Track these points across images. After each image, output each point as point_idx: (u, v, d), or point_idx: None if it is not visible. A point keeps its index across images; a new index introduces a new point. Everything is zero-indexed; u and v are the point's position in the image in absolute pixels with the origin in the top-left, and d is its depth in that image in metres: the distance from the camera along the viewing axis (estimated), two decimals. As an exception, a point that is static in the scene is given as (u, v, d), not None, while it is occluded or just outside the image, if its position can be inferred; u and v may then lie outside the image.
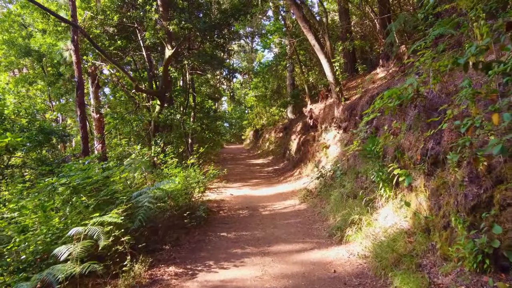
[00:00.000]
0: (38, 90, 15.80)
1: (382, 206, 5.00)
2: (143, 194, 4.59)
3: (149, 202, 4.43)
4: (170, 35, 11.63)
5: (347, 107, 8.27)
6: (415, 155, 4.43)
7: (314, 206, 6.78)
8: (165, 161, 6.79)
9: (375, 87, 7.91)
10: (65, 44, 11.17)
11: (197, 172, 6.90)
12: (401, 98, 4.05)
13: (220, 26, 12.52)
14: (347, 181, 6.40)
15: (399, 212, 4.66)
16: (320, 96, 11.41)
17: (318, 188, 7.62)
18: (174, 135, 11.05)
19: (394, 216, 4.67)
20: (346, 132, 8.27)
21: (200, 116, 14.80)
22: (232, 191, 9.11)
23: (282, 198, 8.03)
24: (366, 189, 5.69)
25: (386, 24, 9.45)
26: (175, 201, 5.25)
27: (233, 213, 6.75)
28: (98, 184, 4.74)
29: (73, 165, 5.35)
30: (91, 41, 9.51)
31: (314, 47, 8.60)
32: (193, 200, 6.51)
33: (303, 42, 15.35)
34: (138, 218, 4.26)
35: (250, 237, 5.20)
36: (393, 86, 6.71)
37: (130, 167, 5.49)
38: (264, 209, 7.05)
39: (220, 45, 13.48)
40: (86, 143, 9.33)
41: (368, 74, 10.51)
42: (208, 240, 5.06)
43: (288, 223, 5.91)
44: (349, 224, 4.90)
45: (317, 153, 10.09)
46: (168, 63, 11.44)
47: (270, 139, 20.01)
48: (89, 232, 3.51)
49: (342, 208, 5.63)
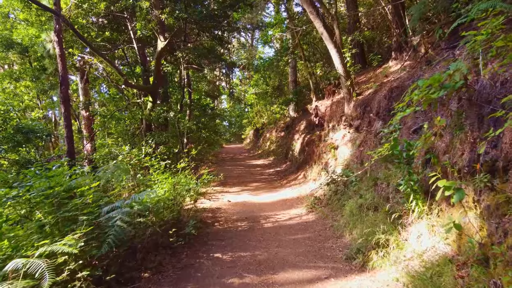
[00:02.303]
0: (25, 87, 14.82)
1: (412, 223, 4.06)
2: (115, 210, 3.65)
3: (122, 221, 3.49)
4: (162, 25, 10.68)
5: (360, 103, 7.32)
6: (460, 160, 3.49)
7: (324, 218, 5.84)
8: (152, 165, 5.84)
9: (391, 81, 6.97)
10: (48, 35, 10.23)
11: (189, 178, 5.96)
12: (446, 87, 3.11)
13: (218, 17, 11.55)
14: (364, 189, 5.46)
15: (435, 231, 3.73)
16: (327, 92, 10.47)
17: (328, 195, 6.68)
18: (167, 135, 10.11)
19: (430, 236, 3.73)
20: (359, 131, 7.32)
21: (197, 114, 13.85)
22: (230, 197, 8.17)
23: (286, 206, 7.09)
24: (389, 200, 4.76)
25: (400, 13, 8.51)
26: (158, 216, 4.32)
27: (230, 226, 5.81)
28: (61, 197, 3.80)
29: (35, 171, 4.40)
30: (74, 30, 8.56)
31: (322, 36, 7.64)
32: (184, 210, 5.59)
33: (306, 36, 14.44)
34: (107, 241, 3.32)
35: (250, 259, 4.26)
36: (416, 78, 5.77)
37: (105, 174, 4.55)
38: (266, 220, 6.11)
39: (218, 38, 12.51)
40: (71, 143, 8.43)
41: (379, 68, 9.58)
42: (198, 264, 4.12)
43: (295, 239, 4.97)
44: (373, 245, 3.97)
45: (324, 155, 9.15)
46: (160, 56, 10.50)
47: (271, 138, 19.07)
48: (31, 268, 2.58)
49: (360, 222, 4.69)
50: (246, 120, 26.72)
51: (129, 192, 4.72)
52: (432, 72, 5.21)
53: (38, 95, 15.40)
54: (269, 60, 20.48)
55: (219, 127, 25.79)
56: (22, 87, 15.44)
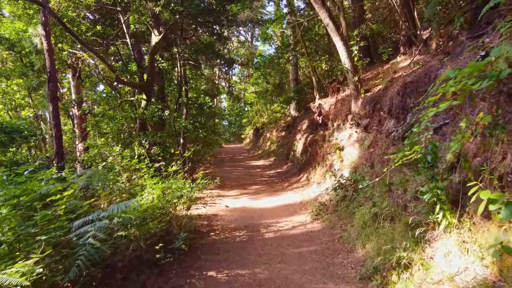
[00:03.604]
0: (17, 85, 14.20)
1: (438, 238, 3.48)
2: (88, 224, 3.08)
3: (95, 238, 2.91)
4: (157, 19, 10.10)
5: (369, 100, 6.74)
6: (500, 166, 2.92)
7: (331, 227, 5.26)
8: (140, 168, 5.25)
9: (403, 76, 6.39)
10: (36, 29, 9.65)
11: (182, 182, 5.38)
12: (489, 77, 2.52)
13: (216, 11, 10.96)
14: (376, 196, 4.88)
15: (468, 249, 3.15)
16: (331, 89, 9.88)
17: (334, 201, 6.10)
18: (162, 135, 9.52)
19: (462, 255, 3.16)
20: (368, 131, 6.74)
21: (194, 113, 13.25)
22: (228, 202, 7.60)
23: (289, 213, 6.51)
24: (407, 209, 4.18)
25: (410, 4, 7.94)
26: (143, 228, 3.74)
27: (227, 236, 5.23)
28: (26, 210, 3.22)
29: (2, 176, 3.83)
30: (61, 22, 7.96)
31: (327, 28, 7.07)
32: (175, 218, 5.00)
33: (307, 32, 13.85)
34: (77, 263, 2.75)
35: (249, 278, 3.68)
36: (434, 72, 5.19)
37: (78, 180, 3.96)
38: (267, 229, 5.53)
39: (216, 33, 11.92)
40: (60, 143, 7.87)
41: (386, 64, 9.00)
42: (188, 286, 3.54)
43: (300, 253, 4.40)
44: (392, 265, 3.39)
45: (329, 156, 8.57)
46: (154, 52, 9.91)
47: (272, 138, 18.49)
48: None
49: (375, 234, 4.12)
50: (246, 119, 26.15)
51: (109, 201, 4.14)
52: (454, 64, 4.63)
53: (30, 93, 14.79)
54: (269, 57, 19.91)
55: (219, 126, 25.21)
56: (14, 85, 14.85)
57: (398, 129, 5.57)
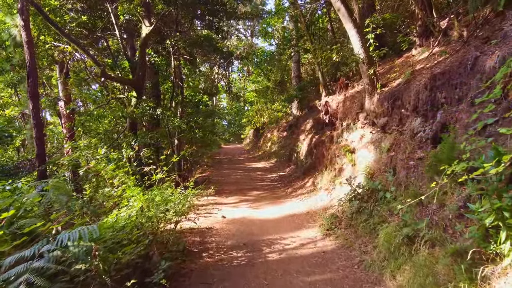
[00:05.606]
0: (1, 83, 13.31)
1: (502, 275, 2.61)
2: (25, 263, 2.20)
3: (28, 284, 2.04)
4: (148, 8, 9.23)
5: (387, 96, 5.86)
6: None
7: (348, 246, 4.39)
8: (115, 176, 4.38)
9: (429, 67, 5.51)
10: (14, 19, 8.77)
11: (169, 192, 4.50)
12: None
13: (213, 2, 10.08)
14: (404, 210, 3.99)
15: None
16: (339, 85, 9.01)
17: (348, 212, 5.22)
18: (153, 135, 8.64)
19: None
20: (385, 131, 5.86)
21: (190, 112, 12.38)
22: (226, 211, 6.73)
23: (295, 226, 5.63)
24: (447, 231, 3.30)
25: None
26: (110, 259, 2.86)
27: (222, 257, 4.35)
28: None
29: None
30: (38, 8, 7.09)
31: (339, 13, 6.19)
32: (161, 235, 4.14)
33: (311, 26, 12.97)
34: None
35: (249, 324, 2.81)
36: (471, 60, 4.32)
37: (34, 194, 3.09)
38: (271, 247, 4.66)
39: (214, 26, 11.03)
40: (41, 144, 7.01)
41: (399, 58, 8.14)
42: (168, 338, 2.67)
43: (313, 284, 3.51)
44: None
45: (337, 159, 7.69)
46: (145, 44, 9.04)
47: (273, 138, 17.62)
48: None
49: (409, 263, 3.25)
50: (246, 119, 25.29)
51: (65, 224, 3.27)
52: (507, 49, 3.75)
53: (16, 91, 13.92)
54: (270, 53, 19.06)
55: (217, 126, 24.33)
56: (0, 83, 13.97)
57: (425, 129, 4.69)
